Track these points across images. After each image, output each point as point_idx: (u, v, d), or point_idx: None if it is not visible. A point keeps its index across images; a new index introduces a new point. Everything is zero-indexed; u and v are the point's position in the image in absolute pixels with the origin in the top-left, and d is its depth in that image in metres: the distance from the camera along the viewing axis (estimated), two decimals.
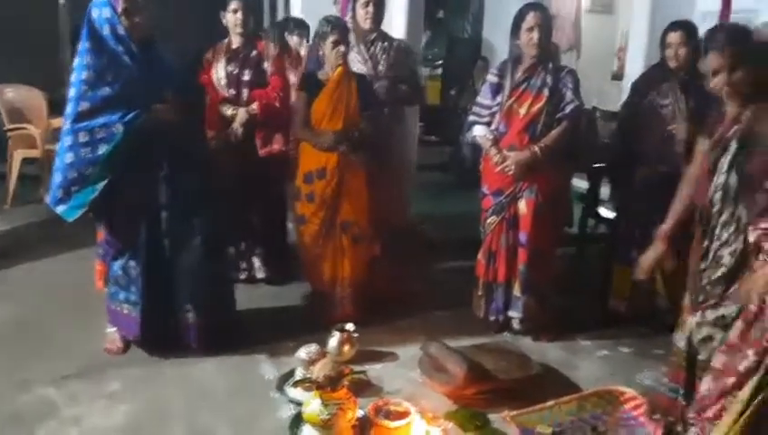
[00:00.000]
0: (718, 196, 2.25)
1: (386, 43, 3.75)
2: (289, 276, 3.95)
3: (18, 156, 5.10)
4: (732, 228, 2.23)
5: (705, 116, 3.04)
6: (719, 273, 2.26)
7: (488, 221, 3.31)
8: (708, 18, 4.00)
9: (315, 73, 3.39)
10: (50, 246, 4.36)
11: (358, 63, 3.63)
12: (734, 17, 3.77)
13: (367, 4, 3.65)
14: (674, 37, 3.24)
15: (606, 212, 4.25)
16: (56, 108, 5.22)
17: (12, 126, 5.14)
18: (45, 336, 3.26)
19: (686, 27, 3.27)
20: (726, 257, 2.23)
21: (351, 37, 3.54)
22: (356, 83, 3.34)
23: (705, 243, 2.31)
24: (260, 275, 3.92)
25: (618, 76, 6.67)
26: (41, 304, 3.61)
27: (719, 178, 2.24)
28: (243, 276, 3.90)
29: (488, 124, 3.27)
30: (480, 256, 3.39)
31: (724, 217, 2.24)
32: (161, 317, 3.01)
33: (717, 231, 2.26)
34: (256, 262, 3.92)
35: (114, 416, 2.63)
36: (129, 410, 2.67)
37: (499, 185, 3.25)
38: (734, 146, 2.21)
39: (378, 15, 3.69)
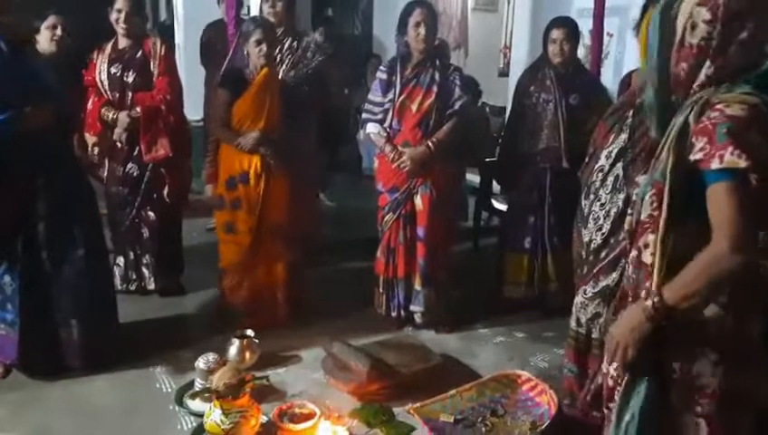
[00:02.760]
0: (606, 154, 2.30)
1: (294, 42, 3.64)
2: (182, 287, 3.82)
3: None
4: (609, 187, 2.30)
5: (587, 108, 3.26)
6: (599, 239, 2.33)
7: (386, 219, 3.34)
8: (585, 14, 4.21)
9: (240, 70, 3.27)
10: None
11: None
12: (608, 13, 3.97)
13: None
14: (558, 34, 3.37)
15: (498, 204, 4.41)
16: None
17: None
18: None
19: (569, 24, 3.41)
20: (604, 220, 2.30)
21: None
22: (280, 86, 3.28)
23: (585, 204, 2.38)
24: (151, 286, 3.74)
25: (504, 73, 6.92)
26: None
27: (617, 138, 2.30)
28: (133, 287, 3.72)
29: (381, 122, 3.29)
30: (379, 253, 3.41)
31: (608, 179, 2.30)
32: (41, 336, 2.81)
33: (599, 192, 2.33)
34: (146, 272, 3.73)
35: None
36: None
37: (394, 182, 3.29)
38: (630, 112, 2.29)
39: (288, 10, 3.57)
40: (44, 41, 3.19)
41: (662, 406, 1.46)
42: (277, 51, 3.54)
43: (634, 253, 1.53)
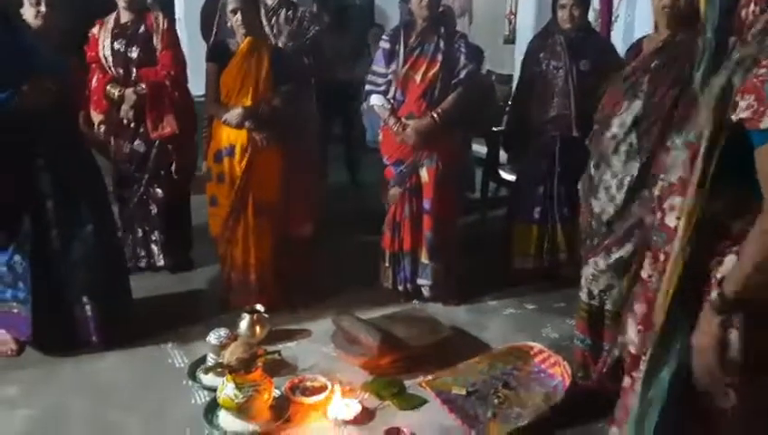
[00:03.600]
0: (620, 122, 2.22)
1: (290, 12, 3.55)
2: (191, 263, 3.84)
3: None
4: (623, 156, 2.24)
5: (598, 74, 3.16)
6: (611, 210, 2.28)
7: (391, 192, 3.32)
8: None
9: (226, 42, 3.21)
10: None
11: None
12: None
13: None
14: None
15: (506, 175, 4.37)
16: None
17: None
18: None
19: None
20: (617, 190, 2.25)
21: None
22: (269, 55, 3.17)
23: (595, 173, 2.32)
24: (160, 262, 3.75)
25: (509, 40, 6.82)
26: None
27: (631, 105, 2.22)
28: (142, 264, 3.73)
29: (385, 93, 3.25)
30: (385, 227, 3.40)
31: (621, 147, 2.23)
32: (54, 313, 2.83)
33: (612, 161, 2.26)
34: (155, 249, 3.74)
35: (13, 422, 2.46)
36: (28, 414, 2.50)
37: (399, 155, 3.26)
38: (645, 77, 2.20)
39: None
40: (30, 16, 3.04)
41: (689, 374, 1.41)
42: (273, 21, 3.51)
43: (658, 214, 1.49)
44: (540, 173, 3.47)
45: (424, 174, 3.24)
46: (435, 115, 3.14)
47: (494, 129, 4.49)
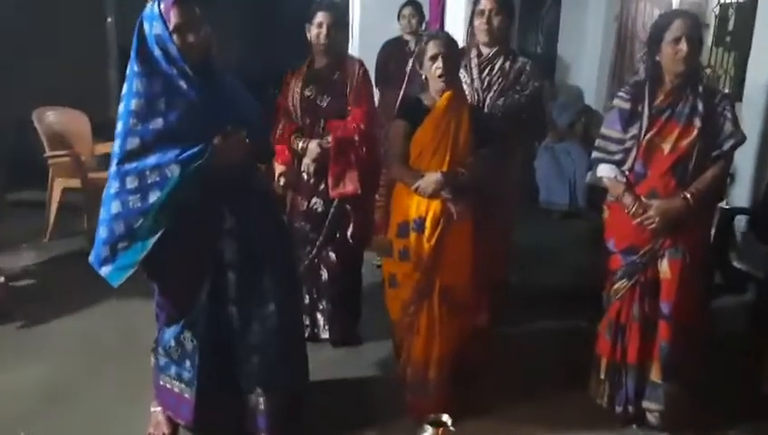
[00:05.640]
0: None
1: (506, 63, 2.98)
2: (359, 338, 3.37)
3: (59, 185, 4.65)
4: None
5: None
6: None
7: (616, 286, 2.64)
8: None
9: (418, 98, 2.75)
10: (92, 289, 3.42)
11: (464, 87, 2.91)
12: None
13: (485, 12, 2.91)
14: None
15: (742, 265, 3.52)
16: (102, 132, 4.81)
17: (52, 153, 4.66)
18: (77, 412, 2.72)
19: None
20: None
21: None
22: (469, 113, 2.68)
23: None
24: (324, 334, 3.33)
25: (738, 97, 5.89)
26: (75, 368, 3.07)
27: None
28: (305, 334, 3.31)
29: (620, 163, 2.62)
30: (602, 328, 2.72)
31: None
32: (221, 402, 2.43)
33: None
34: (321, 319, 3.33)
35: None
36: None
37: (633, 240, 2.58)
38: None
39: (502, 26, 2.94)
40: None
41: None
42: (485, 74, 2.97)
43: None
44: None
45: (665, 268, 2.54)
46: (688, 196, 2.46)
47: (724, 204, 3.69)
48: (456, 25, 4.42)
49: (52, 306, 3.66)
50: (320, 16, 3.01)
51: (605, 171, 2.67)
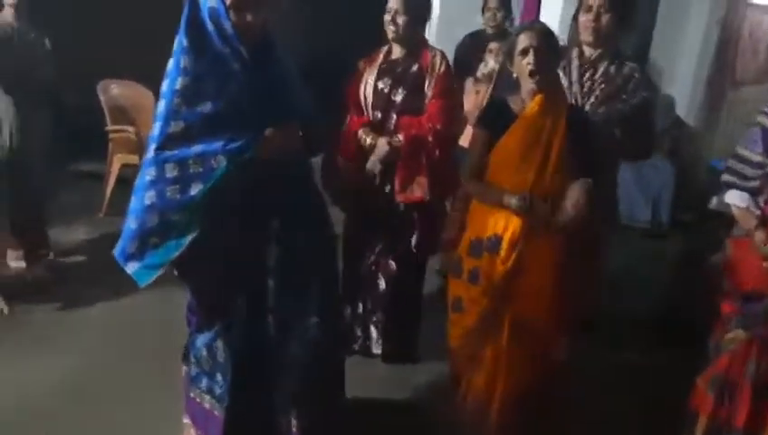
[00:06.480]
0: None
1: (612, 67, 2.63)
2: (414, 356, 3.08)
3: (118, 161, 4.54)
4: None
5: None
6: None
7: (730, 335, 2.24)
8: None
9: (505, 101, 2.38)
10: None
11: None
12: None
13: (592, 9, 2.59)
14: None
15: None
16: None
17: (113, 127, 4.54)
18: (97, 416, 2.56)
19: None
20: None
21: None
22: (566, 120, 2.28)
23: None
24: (376, 349, 3.07)
25: None
26: (109, 363, 2.90)
27: None
28: (356, 347, 3.06)
29: (755, 192, 2.21)
30: (703, 381, 2.31)
31: None
32: (252, 421, 2.19)
33: None
34: (374, 332, 3.06)
35: None
36: None
37: (758, 284, 2.17)
38: None
39: (610, 24, 2.61)
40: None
41: None
42: (586, 77, 2.60)
43: None
44: None
45: None
46: None
47: None
48: (553, 20, 4.04)
49: (98, 287, 3.50)
50: (392, 2, 2.71)
51: (735, 199, 2.26)
